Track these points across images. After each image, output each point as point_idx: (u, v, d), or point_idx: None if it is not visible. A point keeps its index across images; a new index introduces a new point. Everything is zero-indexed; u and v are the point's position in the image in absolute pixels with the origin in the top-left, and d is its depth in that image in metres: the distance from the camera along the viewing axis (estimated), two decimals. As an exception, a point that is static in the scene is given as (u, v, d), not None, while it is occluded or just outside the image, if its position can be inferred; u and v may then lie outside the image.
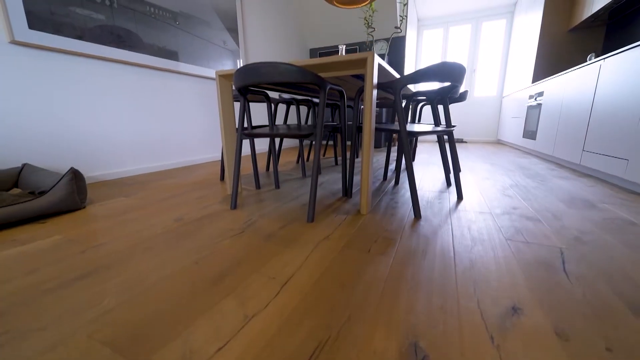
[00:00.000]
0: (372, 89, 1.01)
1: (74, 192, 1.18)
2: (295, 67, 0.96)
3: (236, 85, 1.09)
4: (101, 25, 1.72)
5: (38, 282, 0.66)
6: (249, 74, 1.01)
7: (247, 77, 1.03)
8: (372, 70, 0.99)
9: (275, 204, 1.28)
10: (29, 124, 1.47)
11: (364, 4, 1.97)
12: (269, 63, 0.97)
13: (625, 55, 1.50)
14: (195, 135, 2.47)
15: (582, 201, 1.26)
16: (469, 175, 1.88)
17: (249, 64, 1.01)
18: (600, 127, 1.68)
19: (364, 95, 1.04)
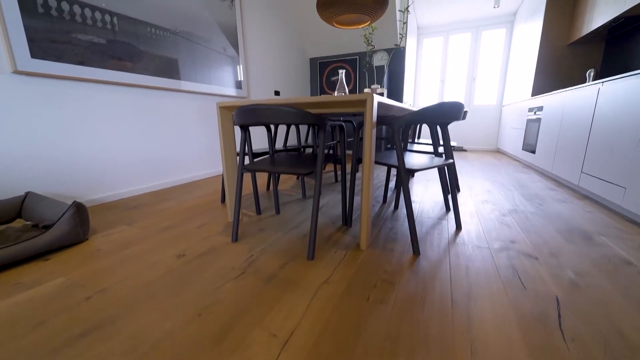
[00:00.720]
0: (371, 127, 1.02)
1: (77, 226, 1.20)
2: (296, 110, 0.97)
3: (237, 123, 1.11)
4: (102, 49, 1.73)
5: (45, 339, 0.67)
6: (250, 115, 1.03)
7: (248, 118, 1.04)
8: (372, 111, 1.01)
9: (276, 234, 1.29)
10: (31, 151, 1.49)
11: (364, 25, 1.98)
12: (269, 106, 0.98)
13: (623, 83, 1.51)
14: (196, 151, 2.48)
15: (579, 233, 1.27)
16: (467, 197, 1.89)
17: (249, 106, 1.02)
18: (598, 151, 1.69)
19: (364, 134, 1.05)
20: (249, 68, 3.02)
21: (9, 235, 1.11)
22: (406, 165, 1.11)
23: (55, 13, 1.51)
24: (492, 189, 2.10)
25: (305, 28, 3.86)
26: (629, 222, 1.39)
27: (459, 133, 4.96)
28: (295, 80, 4.03)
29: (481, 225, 1.38)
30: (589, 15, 2.50)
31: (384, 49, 3.87)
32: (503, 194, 1.96)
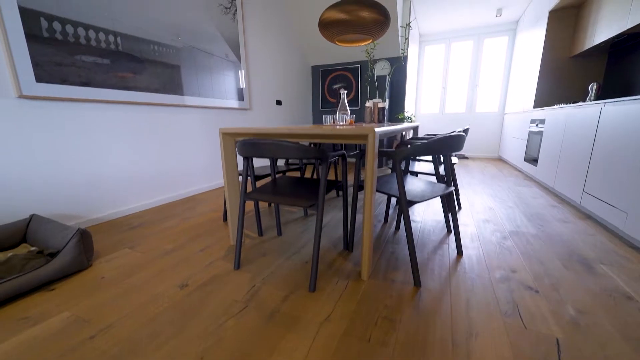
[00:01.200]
0: (372, 160, 1.02)
1: (81, 253, 1.21)
2: (298, 145, 0.98)
3: (240, 154, 1.12)
4: (106, 69, 1.74)
5: (50, 386, 0.68)
6: (252, 149, 1.04)
7: (251, 151, 1.05)
8: (373, 145, 1.01)
9: (278, 260, 1.30)
10: (35, 173, 1.50)
11: (365, 43, 1.98)
12: (272, 142, 0.99)
13: (625, 107, 1.51)
14: (198, 165, 2.49)
15: (580, 260, 1.27)
16: (469, 214, 1.89)
17: (252, 140, 1.03)
18: (600, 172, 1.69)
19: (366, 165, 1.05)
20: (250, 79, 3.04)
21: (15, 265, 1.12)
22: (407, 197, 1.11)
23: (60, 36, 1.52)
24: (494, 205, 2.10)
25: (306, 36, 3.86)
26: (631, 248, 1.39)
27: (461, 140, 4.95)
28: (297, 89, 4.04)
29: (482, 250, 1.38)
30: (591, 29, 2.49)
31: (386, 58, 3.87)
32: (504, 212, 1.96)
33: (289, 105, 3.88)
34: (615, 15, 2.15)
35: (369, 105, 2.49)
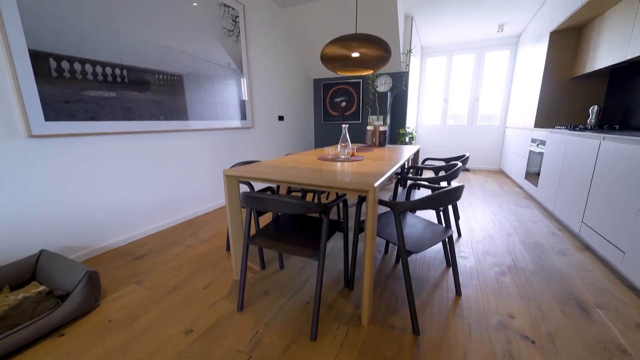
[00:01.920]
0: (373, 213, 1.05)
1: (90, 296, 1.25)
2: (300, 202, 1.01)
3: (243, 205, 1.15)
4: (112, 102, 1.78)
5: None
6: (255, 203, 1.07)
7: (254, 205, 1.08)
8: (374, 201, 1.04)
9: (280, 300, 1.33)
10: (42, 208, 1.54)
11: (366, 73, 2.01)
12: (275, 198, 1.02)
13: (624, 145, 1.52)
14: (201, 186, 2.53)
15: (577, 303, 1.29)
16: (468, 243, 1.91)
17: (255, 194, 1.06)
18: (599, 205, 1.71)
19: (366, 216, 1.08)
20: (253, 97, 3.07)
21: (26, 310, 1.16)
22: (407, 246, 1.14)
23: (68, 74, 1.56)
24: (493, 232, 2.12)
25: (308, 51, 3.89)
26: (628, 289, 1.41)
27: (463, 151, 4.96)
28: (299, 102, 4.07)
29: (480, 289, 1.41)
30: (592, 53, 2.50)
31: (387, 74, 3.90)
32: (504, 241, 1.98)
33: (292, 119, 3.91)
34: (615, 44, 2.17)
35: (370, 129, 2.52)
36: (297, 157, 1.75)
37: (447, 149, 5.06)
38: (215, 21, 2.47)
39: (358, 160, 1.61)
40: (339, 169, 1.35)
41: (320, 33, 3.56)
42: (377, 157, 1.78)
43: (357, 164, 1.48)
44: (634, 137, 1.45)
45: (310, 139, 4.51)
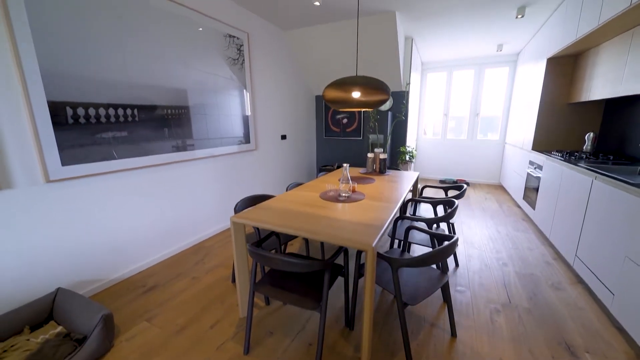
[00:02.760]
0: (372, 268, 1.12)
1: (105, 338, 1.33)
2: (304, 262, 1.08)
3: (251, 256, 1.22)
4: (123, 140, 1.86)
5: None
6: (263, 259, 1.14)
7: (261, 260, 1.15)
8: (372, 259, 1.11)
9: (284, 341, 1.40)
10: (58, 246, 1.62)
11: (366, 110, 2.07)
12: (280, 258, 1.09)
13: (613, 189, 1.58)
14: (206, 211, 2.61)
15: (567, 348, 1.35)
16: (465, 276, 1.98)
17: (259, 252, 1.13)
18: (591, 241, 1.77)
19: (365, 272, 1.15)
20: (256, 120, 3.14)
21: (46, 354, 1.24)
22: (403, 298, 1.21)
23: (83, 120, 1.64)
24: (490, 261, 2.18)
25: (310, 69, 3.97)
26: (617, 330, 1.47)
27: (464, 167, 5.02)
28: (302, 119, 4.14)
29: (475, 330, 1.47)
30: (587, 83, 2.56)
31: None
32: (499, 271, 2.04)
33: (294, 136, 3.98)
34: (609, 78, 2.22)
35: (371, 156, 2.59)
36: (299, 195, 1.82)
37: (447, 162, 5.11)
38: (221, 52, 2.55)
39: (358, 200, 1.68)
40: (339, 216, 1.42)
41: (323, 53, 3.64)
42: (376, 193, 1.85)
43: (357, 208, 1.54)
44: (624, 181, 1.51)
45: (312, 156, 4.58)
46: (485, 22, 3.11)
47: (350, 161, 4.38)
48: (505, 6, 2.70)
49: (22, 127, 1.43)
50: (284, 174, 3.87)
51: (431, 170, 5.28)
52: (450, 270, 2.07)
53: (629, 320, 1.38)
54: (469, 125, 4.87)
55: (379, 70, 3.65)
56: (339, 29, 3.24)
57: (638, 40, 1.91)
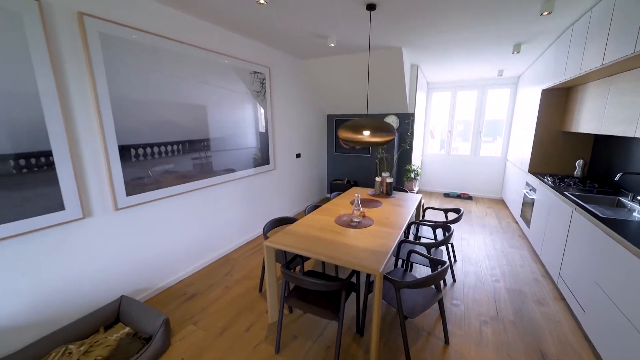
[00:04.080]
0: (379, 289, 1.43)
1: (166, 338, 1.67)
2: (325, 282, 1.40)
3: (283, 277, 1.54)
4: (170, 171, 2.22)
5: None
6: (292, 279, 1.46)
7: (291, 280, 1.48)
8: (380, 281, 1.41)
9: (307, 343, 1.72)
10: (119, 262, 1.98)
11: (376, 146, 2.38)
12: (308, 279, 1.41)
13: (588, 223, 1.85)
14: (232, 226, 2.96)
15: (542, 356, 1.63)
16: (460, 290, 2.26)
17: (291, 274, 1.45)
18: (571, 263, 2.03)
19: (374, 292, 1.46)
20: (275, 143, 3.49)
21: (123, 350, 1.58)
22: (404, 312, 1.52)
23: (142, 158, 2.01)
24: (484, 278, 2.46)
25: (325, 92, 4.30)
26: (587, 343, 1.73)
27: (467, 182, 5.26)
28: (315, 137, 4.48)
29: (465, 338, 1.76)
30: (577, 116, 2.81)
31: (395, 114, 4.27)
32: (492, 287, 2.31)
33: (307, 154, 4.32)
34: (593, 116, 2.48)
35: (379, 180, 2.89)
36: (317, 220, 2.13)
37: (452, 176, 5.36)
38: (249, 87, 2.91)
39: (368, 226, 1.99)
40: (352, 242, 1.73)
41: (336, 78, 3.97)
42: (383, 218, 2.16)
43: (367, 234, 1.86)
44: (595, 215, 1.78)
45: (323, 172, 4.91)
46: (485, 54, 3.39)
47: (359, 176, 4.69)
48: (502, 43, 2.98)
49: (100, 168, 1.79)
50: (299, 190, 4.20)
51: (436, 184, 5.54)
52: (448, 285, 2.36)
53: (595, 335, 1.65)
54: (472, 142, 5.12)
55: (386, 93, 3.96)
56: (351, 60, 3.57)
57: (615, 86, 2.17)
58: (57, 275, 1.65)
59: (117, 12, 1.80)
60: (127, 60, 1.86)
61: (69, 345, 1.57)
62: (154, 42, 2.01)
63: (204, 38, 2.40)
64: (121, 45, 1.82)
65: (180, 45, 2.19)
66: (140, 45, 1.93)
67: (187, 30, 2.26)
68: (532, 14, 2.21)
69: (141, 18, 1.94)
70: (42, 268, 1.59)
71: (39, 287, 1.58)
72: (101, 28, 1.71)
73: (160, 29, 2.06)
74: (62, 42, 1.57)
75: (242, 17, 2.32)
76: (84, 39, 1.64)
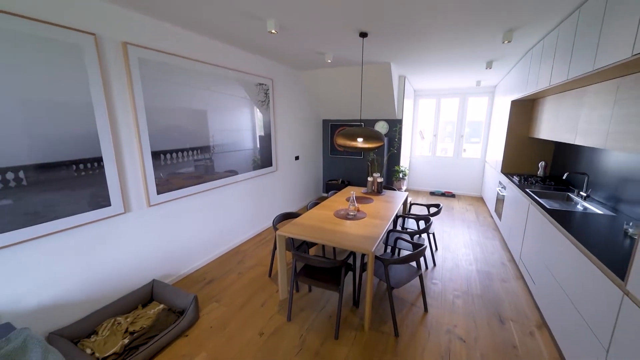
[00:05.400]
0: (372, 265, 1.81)
1: (196, 312, 2.01)
2: (330, 261, 1.77)
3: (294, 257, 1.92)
4: (190, 173, 2.55)
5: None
6: (303, 259, 1.84)
7: (301, 260, 1.85)
8: (372, 259, 1.80)
9: (313, 314, 2.09)
10: (149, 250, 2.31)
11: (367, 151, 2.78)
12: (315, 258, 1.79)
13: (538, 214, 2.29)
14: (241, 221, 3.30)
15: (499, 319, 2.05)
16: (439, 272, 2.67)
17: (303, 255, 1.82)
18: (528, 248, 2.48)
19: (367, 267, 1.85)
20: (277, 147, 3.85)
21: (162, 320, 1.92)
22: (391, 283, 1.91)
23: (170, 162, 2.34)
24: (460, 262, 2.89)
25: (321, 98, 4.68)
26: (535, 309, 2.17)
27: (451, 181, 5.74)
28: (311, 141, 4.85)
29: (441, 308, 2.17)
30: (538, 124, 3.29)
31: (384, 120, 4.69)
32: (465, 269, 2.74)
33: (305, 156, 4.69)
34: (550, 125, 2.95)
35: (370, 179, 3.29)
36: (319, 214, 2.51)
37: (437, 176, 5.83)
38: (254, 98, 3.26)
39: (361, 219, 2.38)
40: (349, 230, 2.12)
41: (331, 86, 4.36)
42: (374, 212, 2.55)
43: (362, 224, 2.24)
44: (543, 206, 2.22)
45: (319, 173, 5.29)
46: (463, 69, 3.84)
47: (352, 176, 5.09)
48: (476, 61, 3.43)
49: (137, 171, 2.12)
50: (298, 188, 4.57)
51: (423, 184, 6.00)
52: (430, 268, 2.77)
53: (541, 301, 2.08)
54: (455, 145, 5.60)
55: (377, 102, 4.38)
56: (345, 72, 3.96)
57: (563, 102, 2.63)
58: (104, 260, 1.97)
59: (151, 41, 2.13)
60: (156, 76, 2.19)
61: (117, 318, 1.90)
62: (178, 62, 2.35)
63: (219, 56, 2.74)
64: (152, 65, 2.15)
65: (199, 64, 2.53)
66: (167, 64, 2.26)
67: (206, 51, 2.60)
68: (497, 41, 2.65)
69: (169, 43, 2.27)
70: (94, 254, 1.91)
71: (91, 270, 1.90)
72: (139, 54, 2.04)
73: (185, 52, 2.40)
74: (110, 65, 1.90)
75: (254, 41, 2.68)
76: (127, 62, 1.97)
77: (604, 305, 1.32)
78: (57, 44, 1.62)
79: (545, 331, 1.94)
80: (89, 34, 1.75)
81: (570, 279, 1.65)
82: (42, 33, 1.56)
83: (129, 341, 1.73)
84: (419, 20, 2.15)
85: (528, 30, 2.37)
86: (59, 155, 1.68)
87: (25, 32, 1.50)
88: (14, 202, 1.51)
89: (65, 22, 1.65)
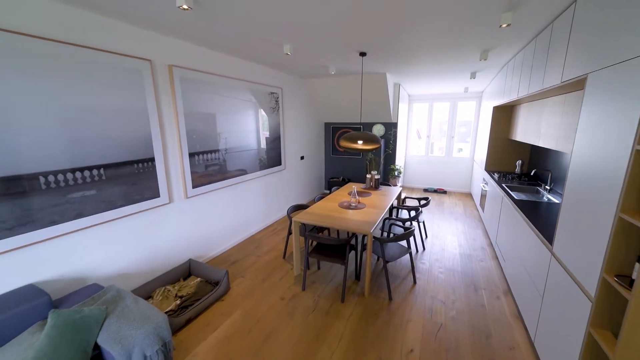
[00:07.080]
0: (370, 243, 2.28)
1: (228, 284, 2.48)
2: (338, 240, 2.24)
3: (302, 235, 2.38)
4: (217, 170, 3.01)
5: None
6: (316, 239, 2.31)
7: (313, 238, 2.32)
8: (370, 239, 2.27)
9: (322, 285, 2.56)
10: (185, 235, 2.77)
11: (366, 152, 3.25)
12: (325, 237, 2.26)
13: (509, 205, 2.77)
14: (256, 213, 3.76)
15: (474, 288, 2.53)
16: (428, 255, 3.15)
17: (316, 236, 2.29)
18: (501, 234, 2.96)
19: (367, 245, 2.32)
20: (286, 148, 4.31)
21: (202, 288, 2.37)
22: (386, 257, 2.38)
23: (200, 162, 2.80)
24: (446, 247, 3.37)
25: (323, 103, 5.14)
26: (504, 280, 2.65)
27: (442, 179, 6.22)
28: (315, 142, 5.31)
29: (427, 281, 2.65)
30: (515, 128, 3.77)
31: (381, 123, 5.16)
32: (450, 253, 3.22)
33: (309, 156, 5.15)
34: (522, 129, 3.43)
35: (369, 176, 3.77)
36: (326, 205, 2.98)
37: (430, 174, 6.31)
38: (267, 106, 3.72)
39: (362, 209, 2.85)
40: (351, 217, 2.59)
41: (332, 92, 4.82)
42: (373, 203, 3.02)
43: (362, 212, 2.71)
44: (514, 197, 2.69)
45: (321, 171, 5.75)
46: (451, 78, 4.32)
47: (352, 174, 5.56)
48: (462, 72, 3.90)
49: (178, 169, 2.58)
50: (303, 186, 5.03)
51: (417, 181, 6.48)
52: (420, 251, 3.25)
53: (508, 272, 2.57)
54: (446, 146, 6.09)
55: (374, 106, 4.85)
56: (345, 80, 4.43)
57: (532, 109, 3.12)
58: (155, 241, 2.43)
59: (189, 62, 2.59)
60: (192, 87, 2.64)
61: (166, 287, 2.36)
62: (208, 78, 2.80)
63: (240, 71, 3.20)
64: (189, 80, 2.61)
65: (224, 78, 2.99)
66: (200, 81, 2.72)
67: (230, 67, 3.06)
68: (476, 58, 3.13)
69: (203, 63, 2.73)
70: (148, 235, 2.37)
71: (146, 248, 2.36)
72: (181, 73, 2.50)
73: (214, 69, 2.85)
74: (159, 82, 2.35)
75: (271, 59, 3.14)
76: (172, 80, 2.42)
77: (541, 265, 1.80)
78: (125, 70, 2.08)
79: (510, 296, 2.42)
80: (146, 60, 2.20)
81: (526, 253, 2.13)
82: (118, 63, 2.02)
83: (180, 302, 2.19)
84: (410, 42, 2.62)
85: (499, 51, 2.85)
86: (125, 156, 2.13)
87: (102, 62, 1.95)
88: (97, 192, 1.97)
89: (132, 53, 2.11)
